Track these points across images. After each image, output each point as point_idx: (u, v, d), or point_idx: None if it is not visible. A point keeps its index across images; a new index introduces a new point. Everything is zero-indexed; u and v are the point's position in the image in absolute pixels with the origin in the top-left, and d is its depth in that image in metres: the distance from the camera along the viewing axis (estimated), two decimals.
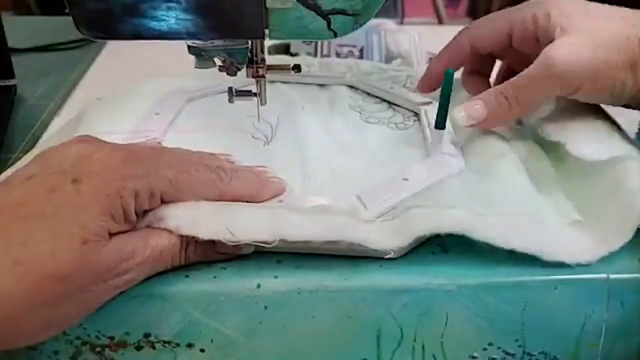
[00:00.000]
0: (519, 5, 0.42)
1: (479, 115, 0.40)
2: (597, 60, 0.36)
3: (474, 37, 0.43)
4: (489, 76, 0.48)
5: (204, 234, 0.31)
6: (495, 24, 0.42)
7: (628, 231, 0.34)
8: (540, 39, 0.40)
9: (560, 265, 0.33)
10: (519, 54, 0.44)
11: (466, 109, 0.41)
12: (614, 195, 0.35)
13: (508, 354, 0.34)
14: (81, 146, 0.30)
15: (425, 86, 0.47)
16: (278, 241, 0.32)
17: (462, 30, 0.44)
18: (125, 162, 0.30)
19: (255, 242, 0.32)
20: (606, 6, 0.39)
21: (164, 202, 0.31)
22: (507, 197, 0.36)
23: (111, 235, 0.29)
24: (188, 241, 0.32)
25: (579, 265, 0.33)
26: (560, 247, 0.33)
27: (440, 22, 1.70)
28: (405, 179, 0.38)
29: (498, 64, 0.49)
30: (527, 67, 0.39)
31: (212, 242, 0.32)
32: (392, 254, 0.33)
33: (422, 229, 0.33)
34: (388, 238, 0.33)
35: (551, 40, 0.38)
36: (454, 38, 0.45)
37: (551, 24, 0.39)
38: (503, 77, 0.46)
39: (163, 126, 0.45)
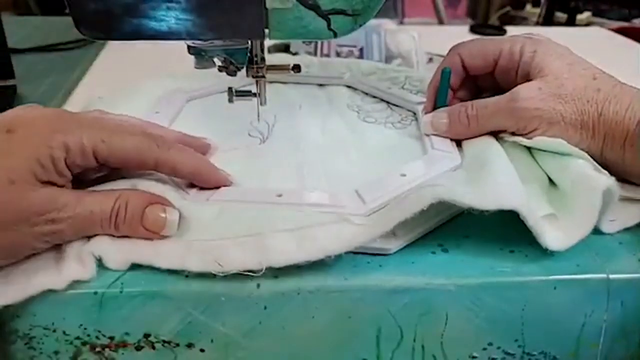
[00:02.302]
0: (511, 36, 0.45)
1: (441, 129, 0.44)
2: (555, 112, 0.39)
3: (466, 53, 0.45)
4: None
5: (194, 267, 0.32)
6: (487, 46, 0.44)
7: (590, 226, 0.34)
8: (519, 72, 0.42)
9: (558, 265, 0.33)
10: (495, 85, 0.46)
11: (433, 117, 0.45)
12: (579, 192, 0.35)
13: (508, 354, 0.34)
14: (23, 108, 0.33)
15: (429, 109, 0.47)
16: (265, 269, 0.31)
17: (453, 47, 0.46)
18: (59, 119, 0.33)
19: (243, 271, 0.31)
20: (586, 63, 0.41)
21: (98, 161, 0.33)
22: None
23: (42, 182, 0.31)
24: (118, 209, 0.32)
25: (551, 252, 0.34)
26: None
27: (440, 22, 1.70)
28: (403, 175, 0.38)
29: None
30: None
31: (141, 216, 0.33)
32: (392, 250, 0.33)
33: (408, 209, 0.33)
34: (374, 230, 0.33)
35: (527, 77, 0.41)
36: (446, 56, 0.46)
37: (533, 62, 0.41)
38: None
39: (163, 124, 0.45)
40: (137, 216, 0.33)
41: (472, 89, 0.47)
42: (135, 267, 0.33)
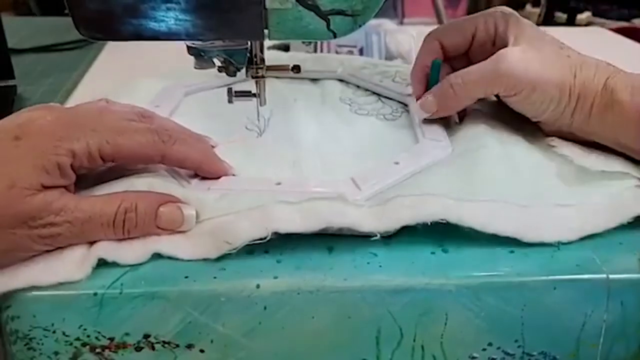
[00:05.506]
0: (483, 11, 0.46)
1: (431, 108, 0.45)
2: (538, 74, 0.41)
3: (441, 35, 0.46)
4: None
5: (212, 254, 0.33)
6: (462, 24, 0.46)
7: (619, 218, 0.35)
8: (497, 43, 0.45)
9: (551, 261, 0.33)
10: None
11: (421, 101, 0.46)
12: (607, 180, 0.37)
13: (508, 354, 0.34)
14: (33, 110, 0.34)
15: (417, 92, 0.48)
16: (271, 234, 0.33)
17: (428, 34, 0.47)
18: (64, 125, 0.33)
19: (252, 242, 0.33)
20: (549, 35, 0.44)
21: (105, 160, 0.34)
22: (486, 182, 0.37)
23: (46, 187, 0.31)
24: (125, 215, 0.33)
25: (560, 243, 0.35)
26: (539, 227, 0.35)
27: (440, 22, 1.70)
28: (397, 163, 0.40)
29: None
30: None
31: (154, 217, 0.33)
32: (379, 236, 0.34)
33: (407, 218, 0.34)
34: (374, 223, 0.34)
35: (504, 46, 0.42)
36: (424, 41, 0.47)
37: (508, 32, 0.44)
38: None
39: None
40: (150, 218, 0.33)
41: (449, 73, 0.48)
42: (135, 267, 0.33)
